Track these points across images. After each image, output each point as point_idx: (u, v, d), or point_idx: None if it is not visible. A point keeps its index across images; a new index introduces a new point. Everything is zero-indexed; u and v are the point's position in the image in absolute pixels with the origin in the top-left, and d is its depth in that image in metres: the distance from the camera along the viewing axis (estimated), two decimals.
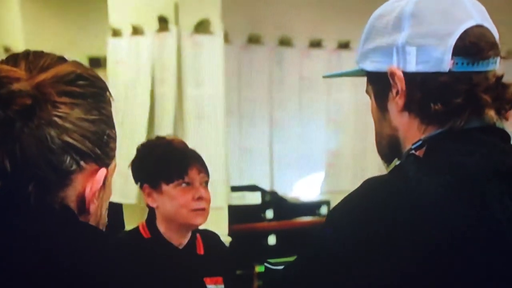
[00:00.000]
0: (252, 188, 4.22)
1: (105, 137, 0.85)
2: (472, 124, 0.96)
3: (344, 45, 5.04)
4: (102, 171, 0.85)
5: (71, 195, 0.83)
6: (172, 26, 3.73)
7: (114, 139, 0.88)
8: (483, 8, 1.01)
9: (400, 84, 0.98)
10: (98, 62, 4.61)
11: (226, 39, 4.30)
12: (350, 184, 4.73)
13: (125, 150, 1.97)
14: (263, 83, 4.83)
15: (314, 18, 4.91)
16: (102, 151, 0.84)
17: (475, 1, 1.01)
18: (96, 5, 4.28)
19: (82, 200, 0.84)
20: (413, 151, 0.98)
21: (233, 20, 4.37)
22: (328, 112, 5.02)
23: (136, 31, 3.83)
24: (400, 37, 0.98)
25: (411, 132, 1.00)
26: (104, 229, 0.91)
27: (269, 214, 4.12)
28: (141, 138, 2.88)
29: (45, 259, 0.77)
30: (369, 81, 1.05)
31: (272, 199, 4.24)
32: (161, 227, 1.94)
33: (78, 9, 5.09)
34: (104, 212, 0.90)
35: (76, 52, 4.70)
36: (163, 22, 3.74)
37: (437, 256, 0.86)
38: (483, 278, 0.87)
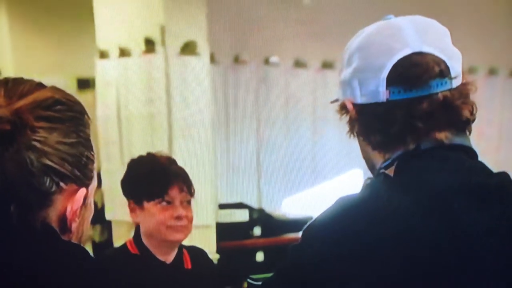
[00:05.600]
0: (240, 205, 4.26)
1: (84, 159, 0.88)
2: (426, 145, 0.99)
3: (328, 65, 5.13)
4: (82, 191, 0.88)
5: (52, 214, 0.86)
6: (159, 47, 3.79)
7: (92, 160, 0.91)
8: (433, 31, 1.03)
9: (352, 115, 1.05)
10: (87, 83, 4.66)
11: (212, 59, 4.37)
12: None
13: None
14: (249, 101, 4.89)
15: (298, 39, 4.99)
16: (81, 172, 0.87)
17: (427, 23, 1.04)
18: (83, 27, 4.35)
19: (63, 220, 0.87)
20: (383, 170, 1.02)
21: (219, 41, 4.44)
22: (314, 129, 5.09)
23: (123, 52, 3.89)
24: (348, 72, 1.04)
25: (375, 156, 1.05)
26: (86, 246, 0.94)
27: (257, 231, 4.16)
28: None
29: (27, 276, 0.81)
30: (342, 110, 1.10)
31: (260, 216, 4.28)
32: (145, 242, 1.98)
33: (66, 31, 5.14)
34: (86, 229, 0.94)
35: (65, 73, 4.76)
36: (150, 44, 3.81)
37: (409, 270, 0.89)
38: None
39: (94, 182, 0.93)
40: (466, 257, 0.91)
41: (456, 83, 1.01)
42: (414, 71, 0.99)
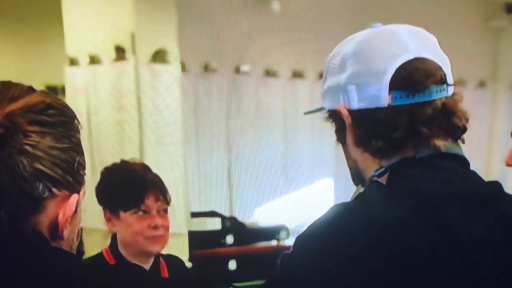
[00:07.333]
0: (212, 214, 4.25)
1: (76, 164, 0.86)
2: (423, 153, 0.99)
3: (298, 74, 5.16)
4: (74, 197, 0.86)
5: (44, 221, 0.84)
6: (129, 55, 3.77)
7: (83, 166, 0.89)
8: (426, 38, 1.04)
9: (347, 121, 1.02)
10: (54, 90, 4.61)
11: (183, 67, 4.36)
12: (308, 210, 4.81)
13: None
14: (220, 110, 4.89)
15: (269, 48, 5.02)
16: (73, 178, 0.85)
17: (418, 31, 1.05)
18: (52, 35, 4.29)
19: (55, 226, 0.85)
20: (375, 178, 1.01)
21: (190, 49, 4.43)
22: (285, 138, 5.11)
23: (93, 60, 3.86)
24: (343, 77, 1.02)
25: (368, 164, 1.04)
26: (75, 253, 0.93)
27: (229, 239, 4.16)
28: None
29: (17, 283, 0.79)
30: (330, 118, 1.09)
31: (232, 225, 4.27)
32: (122, 251, 1.95)
33: (34, 38, 5.08)
34: (76, 236, 0.92)
35: (33, 80, 4.69)
36: (120, 52, 3.79)
37: (405, 279, 0.90)
38: None
39: (85, 188, 0.91)
40: (461, 266, 0.92)
41: (450, 90, 1.02)
42: (417, 75, 0.99)
